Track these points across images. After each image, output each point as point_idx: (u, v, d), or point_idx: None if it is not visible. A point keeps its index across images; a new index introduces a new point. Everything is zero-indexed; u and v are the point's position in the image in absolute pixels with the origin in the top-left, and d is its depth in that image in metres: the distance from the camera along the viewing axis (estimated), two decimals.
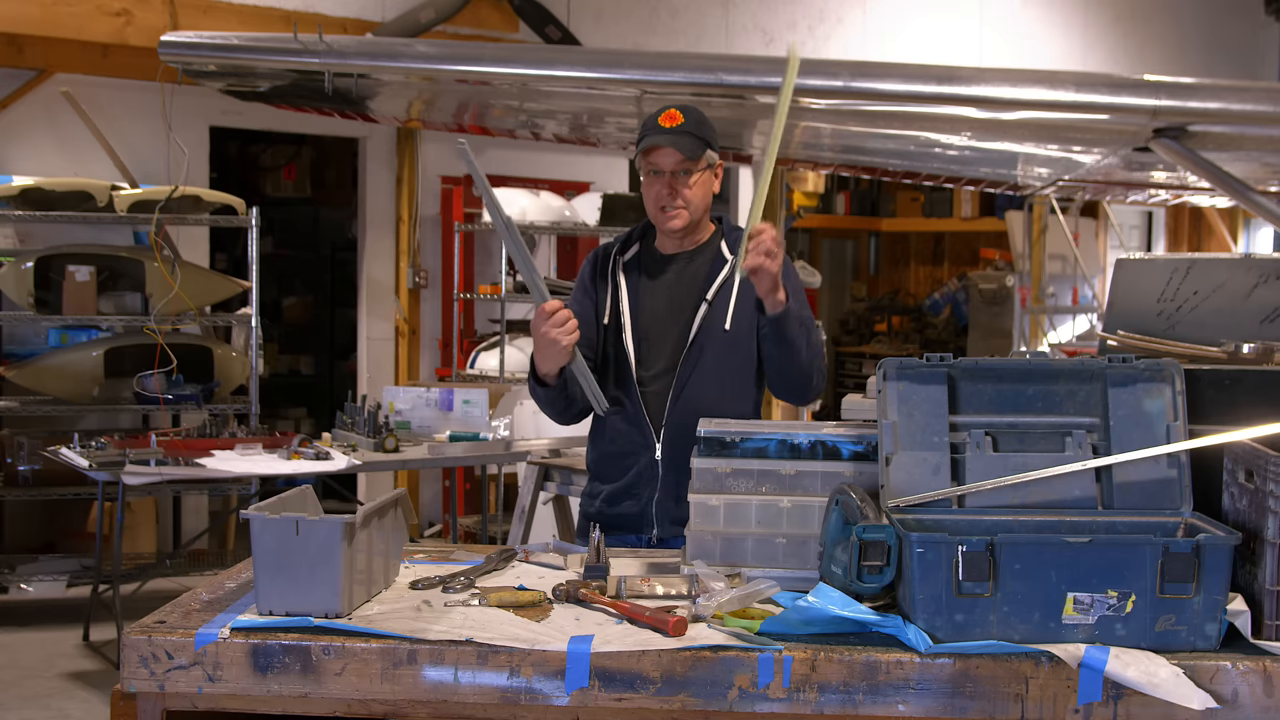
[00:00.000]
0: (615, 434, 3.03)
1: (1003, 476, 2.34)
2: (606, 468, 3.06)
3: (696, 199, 2.96)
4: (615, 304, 3.03)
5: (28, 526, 6.70)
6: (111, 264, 6.39)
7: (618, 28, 8.13)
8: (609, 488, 3.05)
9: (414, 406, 6.00)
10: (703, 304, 2.97)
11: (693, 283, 3.02)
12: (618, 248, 3.10)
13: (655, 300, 3.03)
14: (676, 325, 2.98)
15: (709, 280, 3.00)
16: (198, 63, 4.43)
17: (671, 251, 3.06)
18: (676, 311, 3.00)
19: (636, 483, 3.00)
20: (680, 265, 3.04)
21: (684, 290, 3.01)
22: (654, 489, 2.98)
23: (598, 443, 3.10)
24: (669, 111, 2.92)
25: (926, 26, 9.34)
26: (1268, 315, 2.68)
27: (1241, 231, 11.54)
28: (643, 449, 2.98)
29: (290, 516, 2.15)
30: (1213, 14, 10.99)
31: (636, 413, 2.99)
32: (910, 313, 13.03)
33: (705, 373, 2.95)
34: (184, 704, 2.09)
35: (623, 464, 3.02)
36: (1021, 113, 4.31)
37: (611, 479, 3.04)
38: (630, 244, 3.11)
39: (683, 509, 2.91)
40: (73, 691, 5.13)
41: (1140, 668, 1.98)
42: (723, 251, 3.04)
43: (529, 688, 2.03)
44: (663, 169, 2.93)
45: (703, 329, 2.96)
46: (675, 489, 2.94)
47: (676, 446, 2.93)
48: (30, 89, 6.62)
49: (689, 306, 2.99)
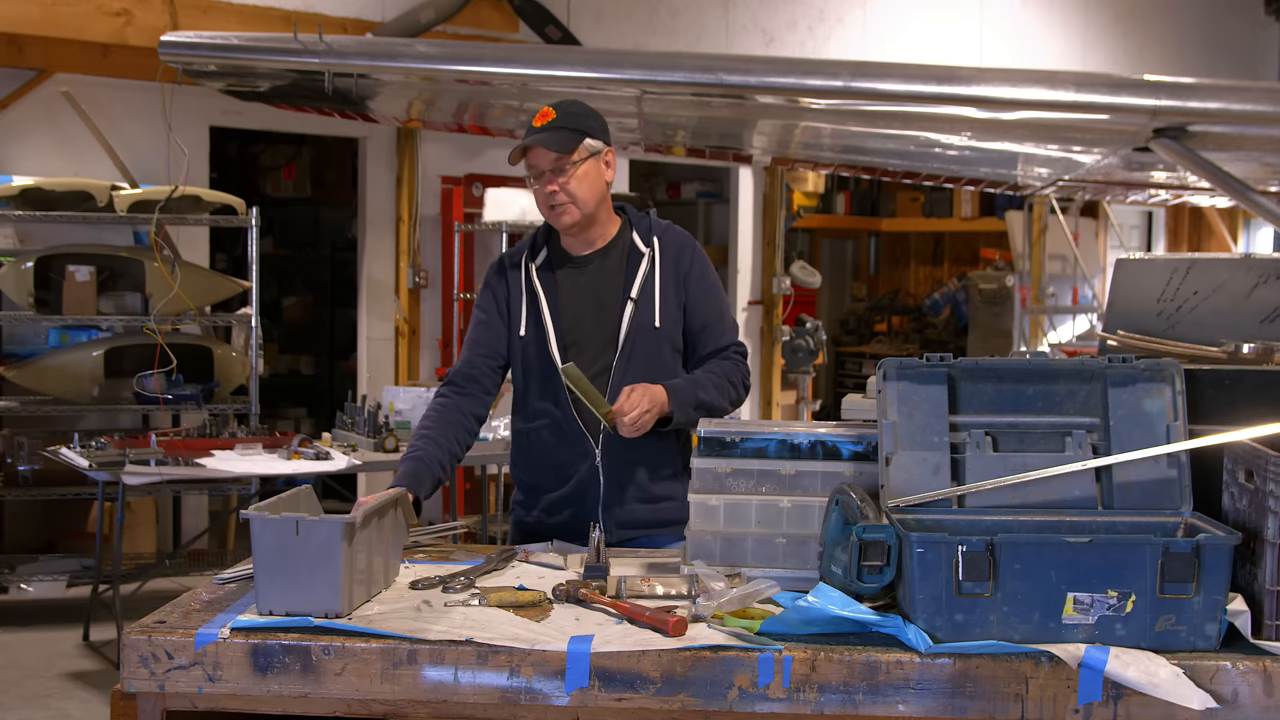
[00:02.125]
0: (548, 447, 2.95)
1: (1003, 476, 2.34)
2: (543, 479, 2.98)
3: (582, 191, 2.88)
4: (535, 312, 2.95)
5: (28, 526, 6.70)
6: (111, 264, 6.39)
7: (618, 28, 8.13)
8: (548, 497, 2.97)
9: (414, 406, 5.99)
10: (628, 303, 2.92)
11: (612, 281, 2.95)
12: (526, 254, 3.01)
13: (576, 303, 2.96)
14: (603, 326, 2.93)
15: (628, 277, 2.95)
16: (198, 63, 4.43)
17: (582, 252, 2.99)
18: (601, 312, 2.94)
19: (578, 491, 2.93)
20: (595, 265, 2.98)
21: (605, 290, 2.95)
22: (597, 494, 2.92)
23: (529, 456, 3.00)
24: (543, 110, 2.89)
25: (926, 26, 9.34)
26: (1268, 315, 2.68)
27: (1241, 231, 11.54)
28: (581, 458, 2.92)
29: (290, 516, 2.15)
30: (1213, 14, 10.99)
31: (569, 421, 2.92)
32: (910, 313, 13.02)
33: (638, 371, 2.89)
34: (184, 704, 2.09)
35: (561, 474, 2.95)
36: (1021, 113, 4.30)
37: (549, 489, 2.97)
38: (537, 249, 3.02)
39: (629, 511, 2.92)
40: (73, 691, 5.13)
41: (1140, 668, 1.98)
42: (636, 243, 2.97)
43: (529, 688, 2.03)
44: (540, 168, 2.88)
45: (632, 327, 2.92)
46: (619, 492, 2.91)
47: (616, 450, 2.89)
48: (30, 89, 6.62)
49: (613, 306, 2.94)
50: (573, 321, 2.95)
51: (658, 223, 3.03)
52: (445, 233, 7.92)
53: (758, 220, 9.61)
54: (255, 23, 6.49)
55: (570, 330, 2.94)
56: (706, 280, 3.00)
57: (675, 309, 2.95)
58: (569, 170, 2.86)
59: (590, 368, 2.88)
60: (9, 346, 6.61)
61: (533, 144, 2.87)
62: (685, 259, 2.98)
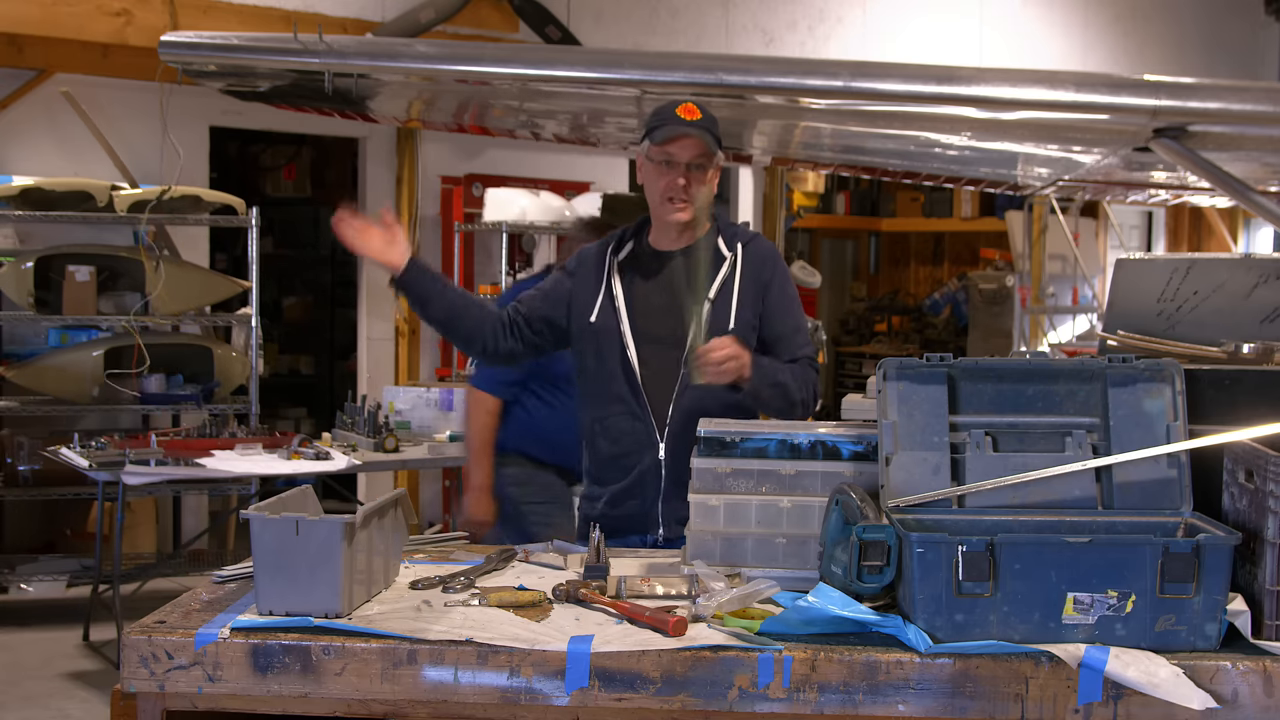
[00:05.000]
0: (618, 434, 3.00)
1: (1003, 476, 2.34)
2: (607, 469, 3.04)
3: (704, 195, 2.96)
4: (609, 302, 3.01)
5: (28, 526, 6.70)
6: (111, 264, 6.39)
7: (618, 28, 8.13)
8: (611, 489, 3.02)
9: (414, 406, 6.00)
10: (705, 303, 2.96)
11: (691, 280, 2.99)
12: (612, 247, 3.07)
13: (652, 298, 3.01)
14: (676, 323, 2.96)
15: (708, 278, 2.98)
16: (198, 63, 4.42)
17: (667, 248, 3.04)
18: (674, 309, 2.97)
19: (640, 483, 2.98)
20: (677, 262, 3.02)
21: (682, 288, 2.99)
22: (658, 489, 2.96)
23: (597, 444, 3.07)
24: (686, 105, 2.91)
25: (926, 26, 9.34)
26: (1268, 315, 2.68)
27: (1241, 231, 11.53)
28: (646, 448, 2.97)
29: (290, 516, 2.15)
30: (1213, 14, 10.99)
31: (641, 411, 2.97)
32: (910, 313, 13.01)
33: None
34: (184, 704, 2.09)
35: (625, 464, 3.00)
36: (1021, 113, 4.30)
37: (613, 480, 3.02)
38: (624, 243, 3.08)
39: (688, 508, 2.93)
40: (73, 691, 5.13)
41: (1140, 668, 1.98)
42: (720, 248, 3.02)
43: (529, 688, 2.03)
44: (679, 160, 2.91)
45: (705, 327, 2.94)
46: (680, 488, 2.91)
47: (680, 445, 2.92)
48: (30, 89, 6.62)
49: (688, 304, 2.97)
50: (647, 315, 2.99)
51: (745, 231, 3.10)
52: (445, 233, 7.92)
53: (758, 220, 9.61)
54: (255, 23, 6.49)
55: (642, 321, 2.98)
56: (786, 294, 3.05)
57: (751, 316, 2.99)
58: (705, 171, 2.93)
59: (660, 363, 2.94)
60: (9, 346, 6.61)
61: (691, 134, 2.89)
62: (768, 269, 3.04)
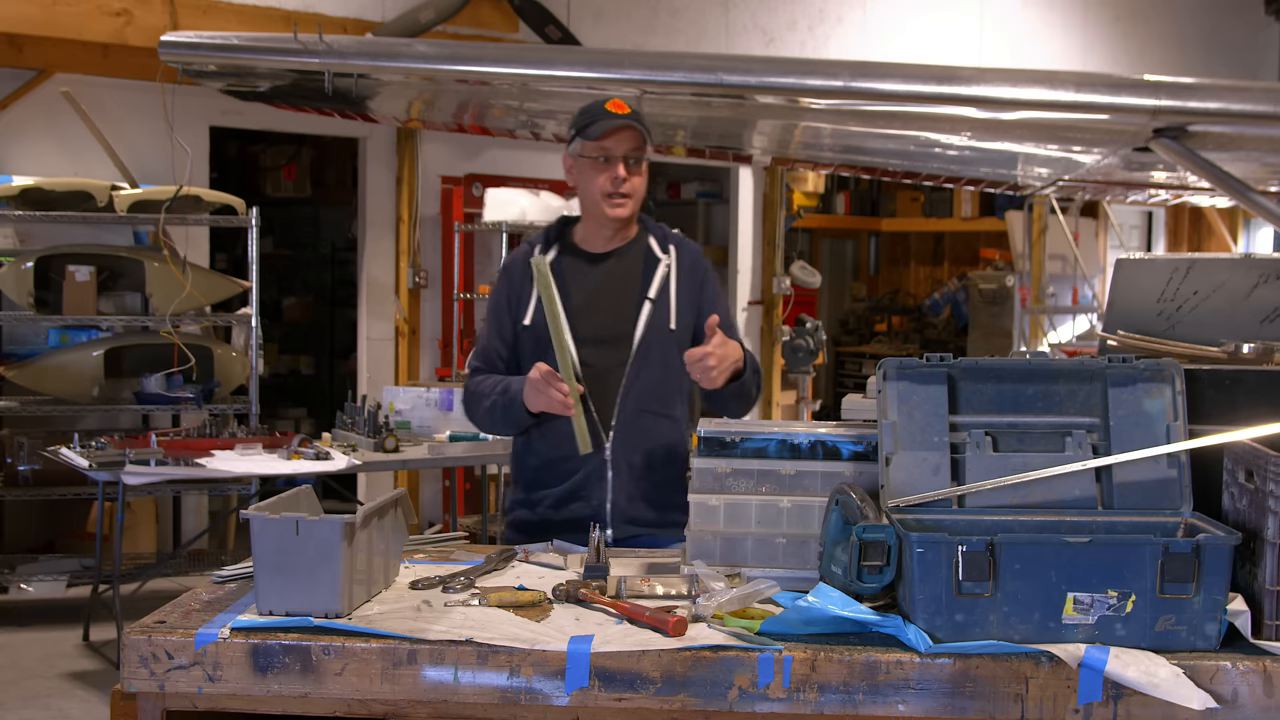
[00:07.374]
0: (560, 438, 2.92)
1: (1003, 476, 2.34)
2: (549, 474, 2.99)
3: (641, 189, 2.94)
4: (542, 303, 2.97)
5: (28, 526, 6.70)
6: (111, 264, 6.39)
7: (618, 28, 8.13)
8: (553, 492, 2.98)
9: (414, 406, 6.00)
10: (645, 303, 2.96)
11: (628, 281, 2.99)
12: (539, 247, 3.03)
13: (587, 299, 2.98)
14: (619, 325, 2.96)
15: (645, 278, 2.98)
16: (198, 63, 4.42)
17: (601, 250, 3.02)
18: (615, 311, 2.97)
19: (585, 484, 2.95)
20: (611, 264, 3.01)
21: (620, 289, 2.98)
22: (604, 489, 2.94)
23: (537, 449, 3.01)
24: (614, 100, 2.89)
25: (926, 26, 9.34)
26: (1268, 315, 2.68)
27: (1241, 231, 11.53)
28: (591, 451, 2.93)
29: (290, 516, 2.15)
30: (1213, 14, 10.99)
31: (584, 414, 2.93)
32: (910, 313, 13.02)
33: (652, 370, 2.95)
34: (184, 704, 2.09)
35: (567, 467, 2.95)
36: (1021, 113, 4.30)
37: (555, 483, 2.98)
38: (549, 244, 3.04)
39: (636, 507, 2.94)
40: (73, 691, 5.13)
41: (1140, 668, 1.98)
42: (652, 248, 3.02)
43: (529, 688, 2.03)
44: (616, 154, 2.89)
45: (648, 328, 2.95)
46: (627, 488, 2.93)
47: (625, 445, 2.93)
48: (30, 89, 6.62)
49: (628, 306, 2.97)
50: (584, 316, 2.96)
51: (671, 232, 3.09)
52: (445, 233, 7.92)
53: (758, 220, 9.61)
54: (255, 23, 6.49)
55: (581, 324, 2.95)
56: (718, 292, 3.09)
57: (689, 315, 3.00)
58: (639, 165, 2.92)
59: (603, 364, 2.93)
60: (9, 346, 6.61)
61: (631, 126, 2.87)
62: (700, 270, 3.05)
